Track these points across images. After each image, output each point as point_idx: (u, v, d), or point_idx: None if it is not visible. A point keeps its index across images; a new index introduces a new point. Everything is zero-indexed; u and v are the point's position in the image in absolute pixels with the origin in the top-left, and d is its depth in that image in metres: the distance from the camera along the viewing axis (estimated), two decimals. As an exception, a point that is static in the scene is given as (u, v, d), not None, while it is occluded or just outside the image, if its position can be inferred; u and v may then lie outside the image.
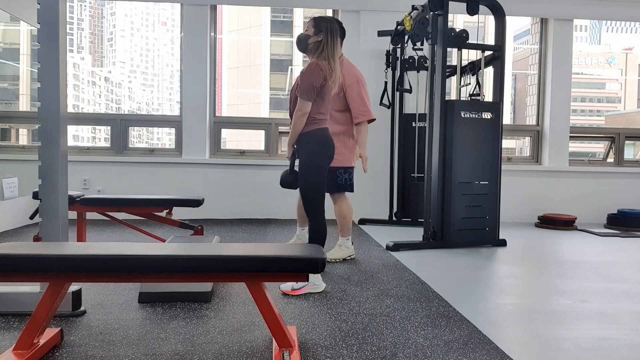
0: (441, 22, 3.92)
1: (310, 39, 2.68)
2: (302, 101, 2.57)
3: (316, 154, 2.63)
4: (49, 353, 1.77)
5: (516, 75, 24.95)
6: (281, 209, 5.19)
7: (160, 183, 5.20)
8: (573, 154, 5.82)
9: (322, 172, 2.65)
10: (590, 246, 4.20)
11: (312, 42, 2.67)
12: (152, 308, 2.30)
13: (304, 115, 2.59)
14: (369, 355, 1.81)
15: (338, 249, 3.45)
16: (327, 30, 2.64)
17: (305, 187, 2.64)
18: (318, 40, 2.65)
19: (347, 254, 3.45)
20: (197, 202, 3.49)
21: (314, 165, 2.63)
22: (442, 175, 3.93)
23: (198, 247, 1.78)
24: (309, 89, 2.56)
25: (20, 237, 4.09)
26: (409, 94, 5.07)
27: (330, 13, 5.58)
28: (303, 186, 2.65)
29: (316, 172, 2.63)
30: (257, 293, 1.71)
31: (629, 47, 42.60)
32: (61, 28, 2.14)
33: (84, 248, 1.75)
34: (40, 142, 2.12)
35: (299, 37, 2.74)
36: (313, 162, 2.63)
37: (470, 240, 4.00)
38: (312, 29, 2.69)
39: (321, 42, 2.63)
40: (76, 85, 41.41)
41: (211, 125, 5.44)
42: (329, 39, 2.63)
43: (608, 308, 2.46)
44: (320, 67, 2.57)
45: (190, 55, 5.28)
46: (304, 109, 2.58)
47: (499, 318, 2.29)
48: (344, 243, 3.46)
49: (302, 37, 2.72)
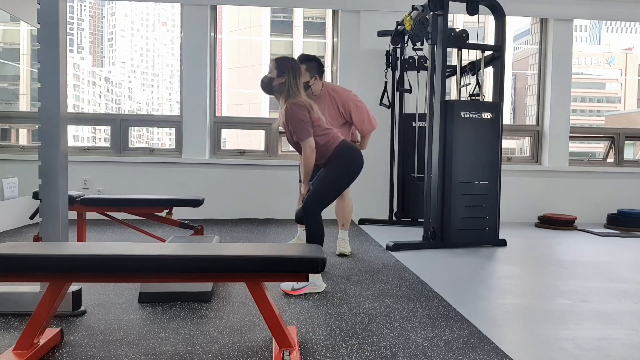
0: (441, 22, 3.92)
1: (275, 81, 2.70)
2: (304, 141, 2.65)
3: (347, 172, 2.72)
4: (49, 353, 1.77)
5: (516, 75, 24.94)
6: (281, 209, 5.19)
7: (160, 183, 5.20)
8: (573, 154, 5.82)
9: (340, 191, 2.77)
10: (590, 246, 4.20)
11: (276, 85, 2.70)
12: (152, 308, 2.30)
13: (312, 152, 2.66)
14: (369, 355, 1.81)
15: (345, 243, 3.59)
16: (289, 70, 2.67)
17: (320, 201, 2.68)
18: (282, 82, 2.67)
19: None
20: (197, 202, 3.49)
21: (339, 185, 2.74)
22: (442, 175, 3.93)
23: (198, 247, 1.78)
24: (304, 128, 2.63)
25: (20, 237, 4.09)
26: (409, 94, 5.07)
27: (331, 13, 5.59)
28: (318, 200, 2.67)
29: (335, 192, 2.74)
30: (257, 293, 1.71)
31: (629, 47, 42.60)
32: (61, 28, 2.14)
33: (84, 248, 1.75)
34: (40, 142, 2.12)
35: (262, 81, 2.76)
36: (340, 183, 2.73)
37: (470, 240, 4.00)
38: (274, 70, 2.70)
39: (285, 83, 2.67)
40: (76, 85, 41.40)
41: (211, 125, 5.44)
42: (292, 80, 2.67)
43: (608, 308, 2.46)
44: (298, 104, 2.63)
45: (190, 55, 5.28)
46: (311, 146, 2.65)
47: (499, 318, 2.29)
48: (346, 236, 3.62)
49: (265, 80, 2.74)
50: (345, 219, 3.60)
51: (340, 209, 3.58)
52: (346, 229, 3.62)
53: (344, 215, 3.58)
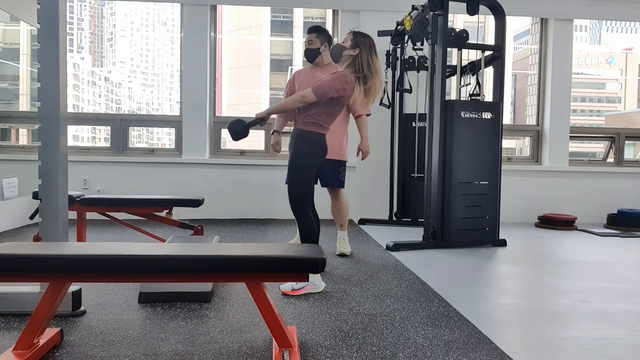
0: (441, 22, 3.92)
1: (345, 51, 2.67)
2: (310, 92, 2.55)
3: (308, 153, 2.62)
4: (49, 353, 1.77)
5: (516, 75, 24.95)
6: (281, 209, 5.18)
7: (160, 183, 5.20)
8: (573, 154, 5.82)
9: (311, 171, 2.63)
10: (590, 246, 4.20)
11: (346, 55, 2.66)
12: (152, 308, 2.30)
13: (301, 102, 2.57)
14: (369, 355, 1.81)
15: (345, 243, 3.58)
16: (366, 46, 2.63)
17: (293, 183, 2.61)
18: (352, 54, 2.64)
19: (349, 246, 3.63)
20: (197, 202, 3.49)
21: (304, 163, 2.61)
22: (442, 175, 3.93)
23: (198, 247, 1.78)
24: (324, 91, 2.55)
25: (20, 237, 4.09)
26: (409, 94, 5.07)
27: (330, 13, 5.58)
28: (291, 182, 2.62)
29: (305, 170, 2.61)
30: (257, 293, 1.71)
31: (629, 47, 42.61)
32: (61, 28, 2.14)
33: (84, 248, 1.75)
34: (40, 142, 2.12)
35: (334, 46, 2.74)
36: (304, 160, 2.61)
37: (470, 240, 4.00)
38: (349, 41, 2.67)
39: (357, 56, 2.62)
40: (76, 85, 41.41)
41: (211, 125, 5.44)
42: (365, 55, 2.62)
43: (608, 308, 2.46)
44: (346, 79, 2.57)
45: (190, 55, 5.28)
46: (306, 98, 2.56)
47: (499, 318, 2.29)
48: (346, 236, 3.62)
49: (338, 47, 2.71)
50: (342, 220, 3.57)
51: (335, 209, 3.55)
52: (344, 230, 3.61)
53: (340, 215, 3.55)
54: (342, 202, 3.53)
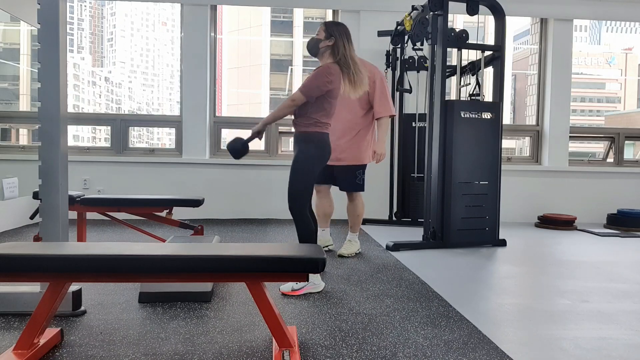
0: (441, 22, 3.92)
1: (322, 42, 2.67)
2: (299, 93, 2.55)
3: (312, 157, 2.62)
4: (49, 353, 1.77)
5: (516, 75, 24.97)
6: (281, 209, 5.18)
7: (160, 183, 5.20)
8: (573, 154, 5.82)
9: (313, 174, 2.63)
10: (590, 246, 4.20)
11: (323, 47, 2.66)
12: (152, 308, 2.30)
13: (292, 105, 2.57)
14: (369, 355, 1.81)
15: (349, 244, 3.58)
16: (340, 34, 2.63)
17: (293, 186, 2.62)
18: (328, 44, 2.64)
19: (357, 247, 3.60)
20: (197, 202, 3.49)
21: (306, 166, 2.62)
22: (442, 175, 3.93)
23: (198, 247, 1.78)
24: (311, 89, 2.54)
25: (20, 237, 4.09)
26: (409, 94, 5.07)
27: (330, 13, 5.58)
28: (291, 183, 2.63)
29: (307, 174, 2.62)
30: (257, 293, 1.71)
31: (629, 47, 42.62)
32: (61, 28, 2.14)
33: (84, 248, 1.75)
34: (40, 142, 2.12)
35: (308, 42, 2.72)
36: (306, 164, 2.61)
37: (470, 240, 4.00)
38: (322, 33, 2.67)
39: (332, 46, 2.62)
40: (76, 85, 41.41)
41: (211, 125, 5.44)
42: (341, 43, 2.62)
43: (608, 308, 2.46)
44: (331, 70, 2.56)
45: (190, 55, 5.28)
46: (296, 101, 2.56)
47: (499, 318, 2.29)
48: (354, 238, 3.61)
49: (312, 41, 2.70)
50: (353, 221, 3.58)
51: (348, 210, 3.57)
52: (354, 232, 3.60)
53: (351, 216, 3.57)
54: (355, 205, 3.54)
